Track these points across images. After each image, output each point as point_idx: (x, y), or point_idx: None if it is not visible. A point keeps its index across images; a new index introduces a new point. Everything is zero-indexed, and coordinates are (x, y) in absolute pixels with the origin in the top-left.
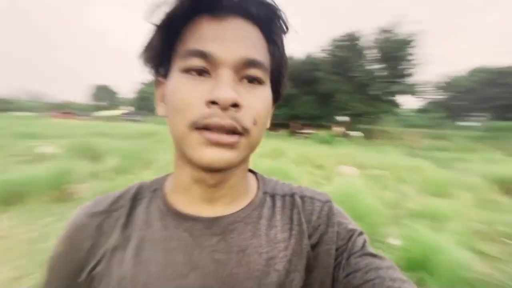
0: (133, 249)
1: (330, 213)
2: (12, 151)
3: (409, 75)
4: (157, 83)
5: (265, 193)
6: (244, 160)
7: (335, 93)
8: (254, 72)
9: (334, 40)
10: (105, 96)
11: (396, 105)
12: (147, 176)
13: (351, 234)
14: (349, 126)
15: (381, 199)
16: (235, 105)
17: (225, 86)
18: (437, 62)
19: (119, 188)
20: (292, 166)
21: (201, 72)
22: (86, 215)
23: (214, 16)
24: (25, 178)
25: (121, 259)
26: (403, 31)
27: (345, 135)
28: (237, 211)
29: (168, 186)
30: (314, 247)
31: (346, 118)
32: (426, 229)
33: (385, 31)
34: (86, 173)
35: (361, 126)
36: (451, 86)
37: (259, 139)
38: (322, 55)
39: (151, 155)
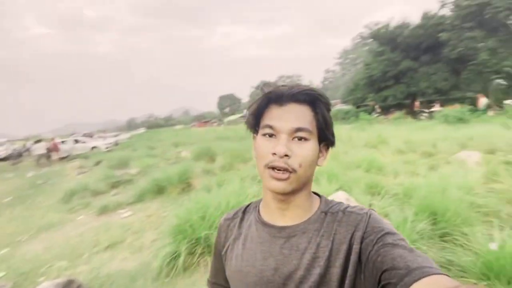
0: (242, 240)
1: (365, 222)
2: (166, 156)
3: None
4: (253, 137)
5: (322, 212)
6: (301, 189)
7: (474, 54)
8: (300, 134)
9: None
10: (227, 104)
11: None
12: (245, 171)
13: (383, 232)
14: (505, 94)
15: (503, 193)
16: (286, 155)
17: (280, 145)
18: None
19: (221, 181)
20: (391, 157)
21: (271, 135)
22: (223, 219)
23: (278, 104)
24: (165, 176)
25: (237, 246)
26: None
27: (493, 108)
28: (298, 223)
29: (261, 204)
30: (351, 248)
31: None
32: None
33: None
34: (202, 170)
35: None
36: None
37: (306, 176)
38: (445, 10)
39: (251, 153)
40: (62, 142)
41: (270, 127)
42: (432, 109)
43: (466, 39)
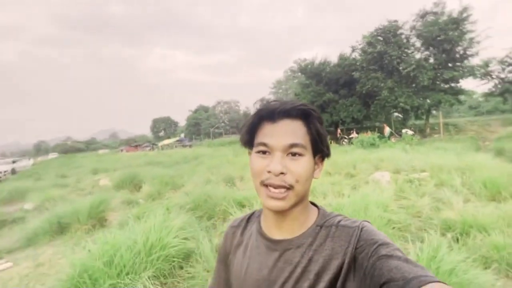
0: (243, 249)
1: (356, 236)
2: (80, 186)
3: (467, 56)
4: (249, 153)
5: (317, 226)
6: (296, 204)
7: (378, 91)
8: (295, 149)
9: (365, 37)
10: (162, 127)
11: (456, 92)
12: (174, 199)
13: (377, 245)
14: (401, 124)
15: (410, 209)
16: (282, 173)
17: (275, 163)
18: (503, 34)
19: (142, 214)
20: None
21: (264, 152)
22: (228, 227)
23: (271, 120)
24: (72, 210)
25: (238, 253)
26: (447, 10)
27: (394, 135)
28: (293, 238)
29: (262, 216)
30: (343, 263)
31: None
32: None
33: (425, 14)
34: (122, 201)
35: (416, 122)
36: None
37: (303, 190)
38: (355, 54)
39: (184, 179)
40: None
41: (264, 144)
42: (351, 136)
43: (372, 78)
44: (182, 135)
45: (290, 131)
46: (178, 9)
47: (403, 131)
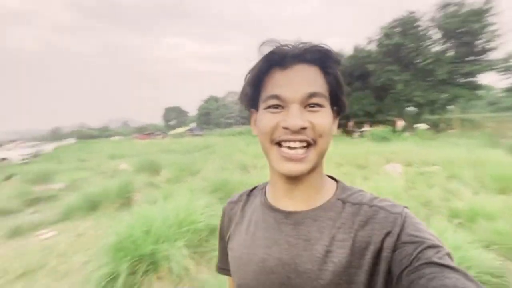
0: (245, 225)
1: (399, 226)
2: (101, 169)
3: (488, 50)
4: (250, 113)
5: (338, 199)
6: (315, 166)
7: (393, 84)
8: (314, 100)
9: (382, 28)
10: (174, 116)
11: (474, 87)
12: (194, 183)
13: (419, 245)
14: (415, 118)
15: (420, 198)
16: (303, 128)
17: (293, 117)
18: None
19: (168, 194)
20: (332, 170)
21: (277, 107)
22: (227, 203)
23: (282, 67)
24: (101, 190)
25: (239, 231)
26: (469, 1)
27: (407, 129)
28: (308, 210)
29: (268, 186)
30: (379, 253)
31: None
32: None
33: (446, 5)
34: (144, 184)
35: (431, 117)
36: None
37: (326, 147)
38: (371, 46)
39: (199, 166)
40: None
41: (277, 97)
42: (363, 129)
43: (387, 71)
44: (194, 125)
45: (306, 79)
46: None
47: (417, 125)
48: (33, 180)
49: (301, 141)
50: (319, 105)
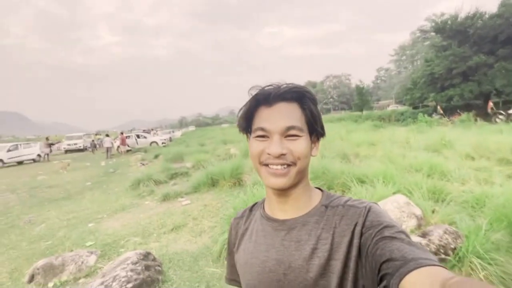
0: (249, 235)
1: (363, 216)
2: (217, 152)
3: None
4: (247, 139)
5: (322, 205)
6: (299, 182)
7: None
8: (292, 132)
9: None
10: None
11: None
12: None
13: (377, 227)
14: None
15: None
16: (282, 154)
17: (274, 145)
18: None
19: None
20: (457, 162)
21: (263, 136)
22: (233, 219)
23: (267, 105)
24: (218, 170)
25: (244, 241)
26: None
27: None
28: (298, 217)
29: (265, 201)
30: (351, 241)
31: None
32: None
33: None
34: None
35: None
36: None
37: (304, 166)
38: None
39: None
40: (127, 137)
41: (262, 129)
42: (510, 111)
43: None
44: None
45: (286, 114)
46: None
47: None
48: (172, 159)
49: (282, 164)
50: (296, 136)
